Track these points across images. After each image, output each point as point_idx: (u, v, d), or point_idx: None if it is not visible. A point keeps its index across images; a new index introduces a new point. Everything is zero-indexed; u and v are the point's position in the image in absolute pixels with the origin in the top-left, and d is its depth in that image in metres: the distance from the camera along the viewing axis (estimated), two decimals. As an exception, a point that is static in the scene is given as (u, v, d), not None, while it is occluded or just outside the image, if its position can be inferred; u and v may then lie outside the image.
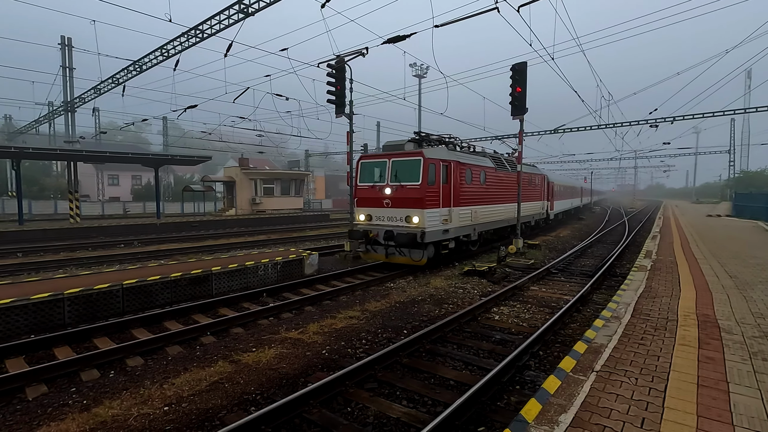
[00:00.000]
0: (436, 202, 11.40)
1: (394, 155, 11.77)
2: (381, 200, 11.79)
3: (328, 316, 7.91)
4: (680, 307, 6.46)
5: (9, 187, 39.27)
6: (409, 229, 11.09)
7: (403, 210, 11.34)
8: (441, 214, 11.63)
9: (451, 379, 5.33)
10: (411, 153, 11.47)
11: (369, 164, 12.36)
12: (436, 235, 11.45)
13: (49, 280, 8.79)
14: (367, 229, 11.98)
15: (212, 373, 5.46)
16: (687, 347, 4.82)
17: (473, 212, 13.48)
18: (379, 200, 11.82)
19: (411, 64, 34.76)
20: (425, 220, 10.98)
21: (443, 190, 11.69)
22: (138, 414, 4.47)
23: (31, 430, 4.21)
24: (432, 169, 11.29)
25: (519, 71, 14.01)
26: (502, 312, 8.30)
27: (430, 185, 11.21)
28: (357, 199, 12.55)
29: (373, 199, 12.01)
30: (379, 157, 12.12)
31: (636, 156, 55.07)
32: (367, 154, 12.64)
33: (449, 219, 12.02)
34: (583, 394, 3.69)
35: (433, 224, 11.25)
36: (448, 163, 11.97)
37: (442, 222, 11.72)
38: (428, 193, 11.10)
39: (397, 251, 11.60)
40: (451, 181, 12.01)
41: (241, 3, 14.39)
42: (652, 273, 9.11)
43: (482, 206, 14.19)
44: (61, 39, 25.42)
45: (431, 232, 11.17)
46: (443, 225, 11.76)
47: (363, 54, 13.32)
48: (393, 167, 11.66)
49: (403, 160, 11.50)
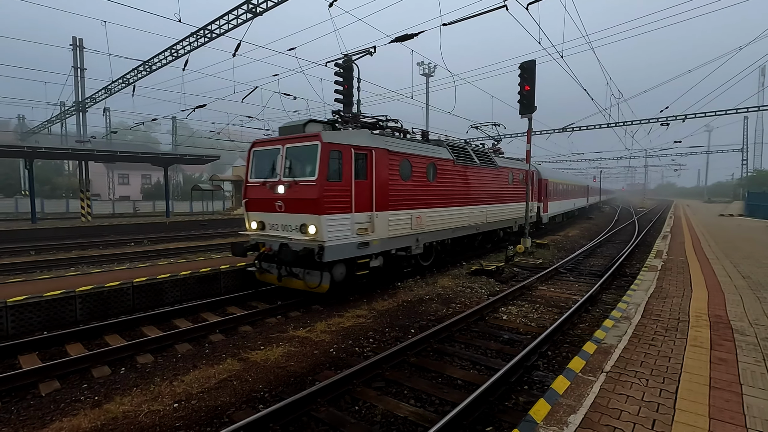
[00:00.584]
0: (343, 205, 8.30)
1: (289, 140, 8.53)
2: (273, 202, 8.58)
3: (336, 315, 7.93)
4: (692, 308, 6.38)
5: (22, 186, 39.95)
6: (303, 242, 8.05)
7: (297, 216, 8.23)
8: (355, 221, 8.53)
9: (459, 379, 5.32)
10: (306, 137, 8.29)
11: (262, 153, 9.08)
12: (345, 250, 8.37)
13: (62, 277, 8.93)
14: (261, 241, 8.91)
15: (221, 371, 5.50)
16: (699, 348, 4.75)
17: (415, 218, 10.39)
18: (271, 202, 8.62)
19: (418, 62, 34.66)
20: (324, 229, 7.83)
21: (358, 189, 8.62)
22: (148, 410, 4.52)
23: (44, 425, 4.28)
24: (336, 160, 8.16)
25: (528, 69, 13.92)
26: (510, 312, 8.26)
27: (333, 181, 8.08)
28: (246, 201, 9.20)
29: (264, 201, 8.79)
30: (272, 143, 8.88)
31: (646, 155, 54.53)
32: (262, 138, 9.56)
33: (371, 228, 8.93)
34: (593, 395, 3.66)
35: (338, 235, 8.15)
36: (368, 152, 8.85)
37: (357, 232, 8.61)
38: (329, 193, 7.98)
39: (292, 272, 8.51)
40: (372, 177, 8.92)
41: (250, 3, 14.46)
42: (663, 273, 9.00)
43: (432, 209, 11.12)
44: (72, 40, 25.77)
45: (335, 246, 8.09)
46: (359, 236, 8.65)
47: (371, 53, 13.31)
48: (287, 156, 8.49)
49: (298, 147, 8.36)
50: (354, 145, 8.51)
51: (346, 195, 8.35)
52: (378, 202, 9.07)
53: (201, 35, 16.80)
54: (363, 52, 13.51)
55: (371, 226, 8.95)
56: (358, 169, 8.65)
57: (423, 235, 10.83)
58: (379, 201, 9.12)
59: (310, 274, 8.30)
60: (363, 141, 8.84)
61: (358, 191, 8.61)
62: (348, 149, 8.39)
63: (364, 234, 8.79)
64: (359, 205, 8.64)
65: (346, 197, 8.35)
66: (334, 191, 8.11)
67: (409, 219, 10.20)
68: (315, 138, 8.10)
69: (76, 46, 25.73)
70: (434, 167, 11.24)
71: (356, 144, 8.59)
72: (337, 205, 8.16)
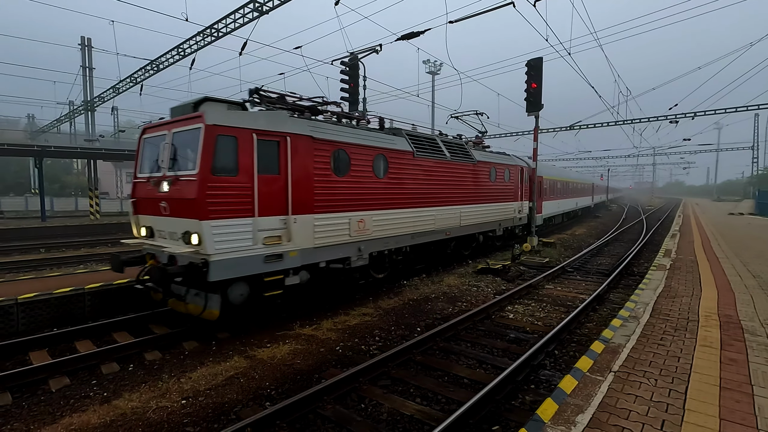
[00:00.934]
0: (240, 207, 6.32)
1: (176, 123, 6.72)
2: (158, 203, 6.76)
3: (342, 313, 7.94)
4: (701, 307, 6.31)
5: (32, 184, 40.46)
6: (187, 255, 6.21)
7: (179, 221, 6.39)
8: (259, 227, 6.55)
9: (465, 377, 5.31)
10: (190, 119, 6.38)
11: (151, 141, 7.30)
12: (245, 265, 6.43)
13: (71, 275, 9.03)
14: (150, 252, 7.14)
15: (228, 368, 5.53)
16: (708, 348, 4.70)
17: (356, 222, 8.45)
18: (156, 203, 6.81)
19: (424, 60, 34.63)
20: (208, 239, 5.96)
21: (265, 186, 6.64)
22: (156, 407, 4.56)
23: (55, 420, 4.33)
24: (228, 148, 6.23)
25: (534, 67, 13.82)
26: (517, 310, 8.23)
27: (223, 176, 6.15)
28: (133, 201, 7.43)
29: (150, 201, 6.99)
30: (160, 128, 7.10)
31: (655, 153, 53.98)
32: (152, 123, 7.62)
33: (286, 236, 6.95)
34: (601, 394, 3.63)
35: (231, 246, 6.20)
36: (281, 139, 6.89)
37: (264, 242, 6.65)
38: (217, 191, 6.06)
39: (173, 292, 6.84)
40: (288, 170, 6.93)
41: (256, 1, 14.49)
42: (672, 272, 8.91)
43: (382, 211, 9.16)
44: (81, 40, 26.00)
45: (227, 261, 6.15)
46: (267, 247, 6.69)
47: (377, 51, 13.31)
48: (173, 145, 6.62)
49: (183, 132, 6.51)
50: (258, 130, 6.56)
51: (244, 194, 6.37)
52: (297, 202, 7.12)
53: (208, 34, 16.89)
54: (369, 51, 13.51)
55: (286, 233, 6.96)
56: (266, 161, 6.67)
57: (368, 242, 8.87)
58: (299, 201, 7.18)
59: (195, 296, 6.51)
60: (273, 124, 6.84)
61: (266, 189, 6.64)
62: (247, 134, 6.42)
63: (275, 244, 6.80)
64: (267, 206, 6.67)
65: (244, 197, 6.37)
66: (225, 189, 6.14)
67: (347, 223, 8.25)
68: (197, 119, 6.18)
69: (85, 45, 25.96)
70: (385, 160, 9.25)
71: (261, 128, 6.63)
72: (230, 206, 6.19)
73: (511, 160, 16.22)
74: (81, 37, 26.12)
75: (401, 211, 9.80)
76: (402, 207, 9.82)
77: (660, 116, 28.31)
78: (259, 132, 6.59)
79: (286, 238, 6.98)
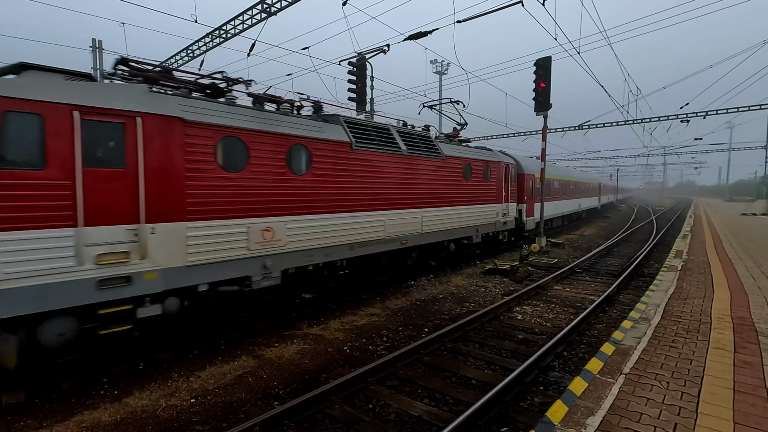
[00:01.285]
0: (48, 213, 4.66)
1: None
2: None
3: (350, 313, 7.95)
4: (714, 309, 6.21)
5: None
6: None
7: None
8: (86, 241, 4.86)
9: (473, 378, 5.28)
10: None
11: None
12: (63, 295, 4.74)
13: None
14: None
15: (236, 367, 5.57)
16: (722, 351, 4.63)
17: (259, 230, 6.62)
18: None
19: (432, 60, 34.55)
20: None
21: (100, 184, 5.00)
22: (166, 405, 4.60)
23: (67, 417, 4.39)
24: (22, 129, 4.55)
25: (543, 66, 13.73)
26: (525, 311, 8.17)
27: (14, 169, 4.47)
28: None
29: None
30: None
31: (665, 152, 53.29)
32: None
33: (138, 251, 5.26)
34: (612, 397, 3.59)
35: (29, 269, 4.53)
36: (127, 120, 5.23)
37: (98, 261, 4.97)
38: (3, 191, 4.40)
39: None
40: (139, 163, 5.27)
41: (264, 3, 14.57)
42: (683, 273, 8.79)
43: (301, 216, 7.31)
44: (92, 42, 26.35)
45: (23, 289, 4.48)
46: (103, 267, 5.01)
47: (384, 51, 13.28)
48: None
49: None
50: (83, 106, 4.87)
51: (56, 195, 4.70)
52: (156, 206, 5.43)
53: (216, 35, 17.02)
54: (377, 51, 13.50)
55: (138, 248, 5.26)
56: (99, 150, 5.03)
57: (280, 256, 6.99)
58: (160, 205, 5.49)
59: None
60: (111, 100, 5.12)
61: (99, 188, 4.98)
62: (63, 112, 4.74)
63: (118, 263, 5.11)
64: (101, 212, 4.99)
65: (56, 198, 4.70)
66: (17, 188, 4.46)
67: (245, 233, 6.44)
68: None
69: (96, 48, 26.30)
70: (306, 152, 7.43)
71: (89, 104, 4.92)
72: (27, 212, 4.52)
73: (492, 155, 14.02)
74: (92, 39, 26.45)
75: (333, 216, 7.94)
76: (333, 211, 7.97)
77: (671, 115, 27.92)
78: (85, 109, 4.88)
79: (137, 254, 5.25)
